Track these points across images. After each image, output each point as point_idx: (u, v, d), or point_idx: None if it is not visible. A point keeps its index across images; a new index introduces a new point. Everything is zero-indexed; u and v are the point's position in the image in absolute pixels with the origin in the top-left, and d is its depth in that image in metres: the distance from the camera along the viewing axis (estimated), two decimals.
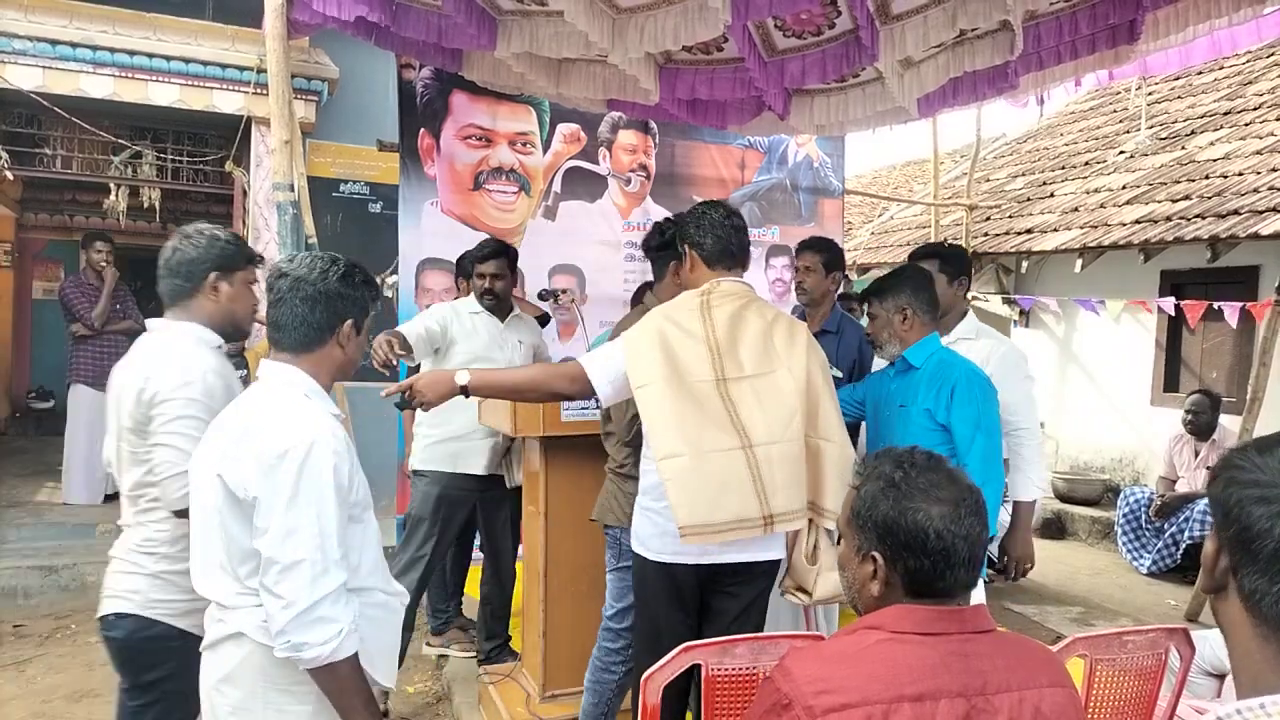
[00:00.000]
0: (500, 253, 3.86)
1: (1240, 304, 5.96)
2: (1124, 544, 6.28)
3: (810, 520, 2.41)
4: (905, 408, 2.79)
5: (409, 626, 3.61)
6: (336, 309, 1.83)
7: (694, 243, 2.55)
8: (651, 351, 2.34)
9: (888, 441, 2.81)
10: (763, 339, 2.41)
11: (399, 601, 1.92)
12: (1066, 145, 9.82)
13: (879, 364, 3.11)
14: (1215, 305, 6.04)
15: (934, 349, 2.81)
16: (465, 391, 2.45)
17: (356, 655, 1.70)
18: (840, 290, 3.85)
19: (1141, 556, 6.11)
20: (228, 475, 1.68)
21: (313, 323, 1.81)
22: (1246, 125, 7.52)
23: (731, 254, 2.54)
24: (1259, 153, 6.82)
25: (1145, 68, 4.30)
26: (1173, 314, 6.58)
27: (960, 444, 2.67)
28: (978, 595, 2.59)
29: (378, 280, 2.63)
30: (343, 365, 1.89)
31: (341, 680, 1.68)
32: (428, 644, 4.23)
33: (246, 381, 5.32)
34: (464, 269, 4.18)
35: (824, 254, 3.61)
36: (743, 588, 2.45)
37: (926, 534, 1.31)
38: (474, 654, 4.03)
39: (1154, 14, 3.46)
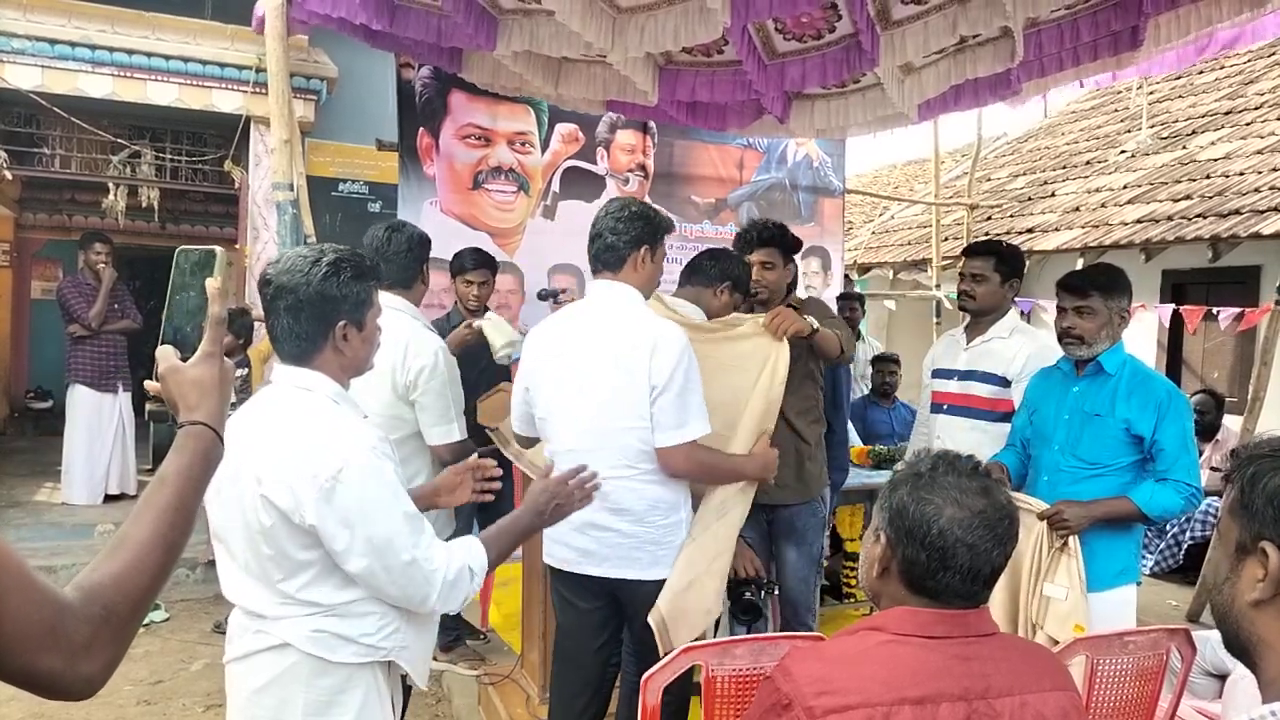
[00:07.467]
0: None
1: (1239, 309, 5.94)
2: None
3: None
4: (1101, 417, 2.71)
5: None
6: (324, 314, 1.69)
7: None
8: None
9: (1067, 447, 2.76)
10: None
11: None
12: (1067, 145, 9.81)
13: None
14: (1215, 310, 6.02)
15: (1125, 356, 2.76)
16: None
17: (482, 547, 1.78)
18: (844, 290, 3.79)
19: (1143, 557, 6.10)
20: (276, 499, 1.61)
21: (300, 333, 1.70)
22: (1248, 125, 7.52)
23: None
24: (1260, 152, 6.81)
25: (1145, 69, 4.29)
26: (1168, 323, 6.56)
27: (1166, 460, 2.62)
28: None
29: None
30: (349, 366, 1.77)
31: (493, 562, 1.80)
32: (434, 658, 4.20)
33: (247, 380, 5.31)
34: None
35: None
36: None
37: (930, 528, 1.31)
38: (477, 674, 4.00)
39: (1156, 19, 3.44)
